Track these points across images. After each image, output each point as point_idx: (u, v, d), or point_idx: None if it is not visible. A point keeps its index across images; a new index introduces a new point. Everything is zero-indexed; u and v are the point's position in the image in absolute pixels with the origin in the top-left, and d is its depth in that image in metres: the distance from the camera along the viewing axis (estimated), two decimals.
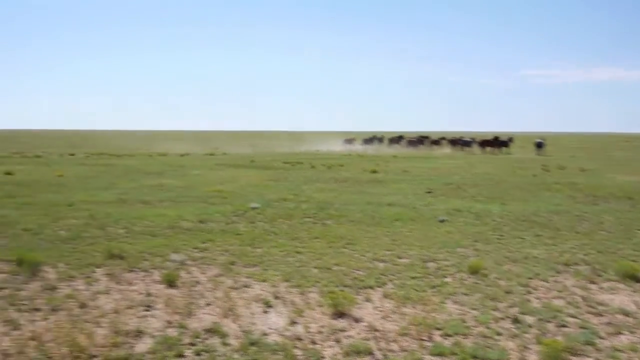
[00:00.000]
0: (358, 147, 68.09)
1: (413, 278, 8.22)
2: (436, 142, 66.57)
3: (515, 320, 6.52)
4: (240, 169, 29.07)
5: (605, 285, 8.00)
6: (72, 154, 44.35)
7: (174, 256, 9.29)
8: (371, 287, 7.77)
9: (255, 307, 6.92)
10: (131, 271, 8.45)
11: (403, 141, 69.11)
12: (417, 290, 7.60)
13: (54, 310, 6.65)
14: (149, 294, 7.31)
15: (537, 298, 7.38)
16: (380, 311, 6.86)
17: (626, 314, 6.83)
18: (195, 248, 10.02)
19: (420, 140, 67.56)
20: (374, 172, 27.08)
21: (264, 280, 8.03)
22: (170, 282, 7.76)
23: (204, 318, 6.54)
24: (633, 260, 9.16)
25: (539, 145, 50.72)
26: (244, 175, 24.92)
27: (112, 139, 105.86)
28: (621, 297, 7.46)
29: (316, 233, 11.50)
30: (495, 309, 6.94)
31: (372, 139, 75.00)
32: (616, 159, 43.37)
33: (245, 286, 7.77)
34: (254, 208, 14.57)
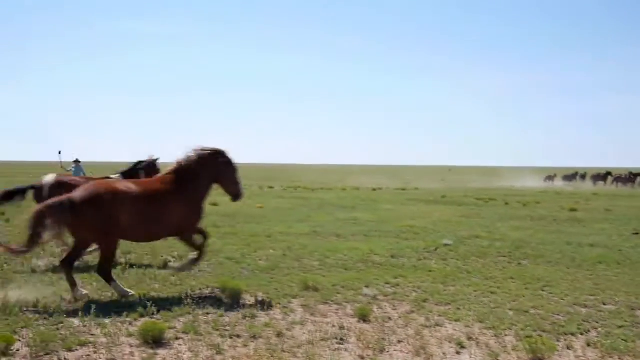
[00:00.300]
0: (559, 183, 64.92)
1: (620, 327, 7.60)
2: None
3: None
4: (432, 205, 28.93)
5: None
6: (272, 187, 46.70)
7: (366, 291, 9.37)
8: (572, 334, 7.29)
9: (447, 348, 6.77)
10: (325, 303, 8.63)
11: (610, 178, 64.29)
12: (625, 341, 7.01)
13: (253, 337, 6.94)
14: (342, 327, 7.40)
15: None
16: None
17: None
18: (387, 283, 10.04)
19: (632, 177, 61.83)
20: (573, 210, 25.68)
21: (457, 320, 7.83)
22: (363, 317, 7.80)
23: (396, 355, 6.50)
24: None
25: None
26: (435, 211, 24.75)
27: (306, 172, 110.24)
28: None
29: (511, 273, 11.07)
30: None
31: (573, 175, 71.02)
32: None
33: (438, 325, 7.62)
34: (446, 245, 14.37)
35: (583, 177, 70.17)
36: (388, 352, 6.62)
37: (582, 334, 7.32)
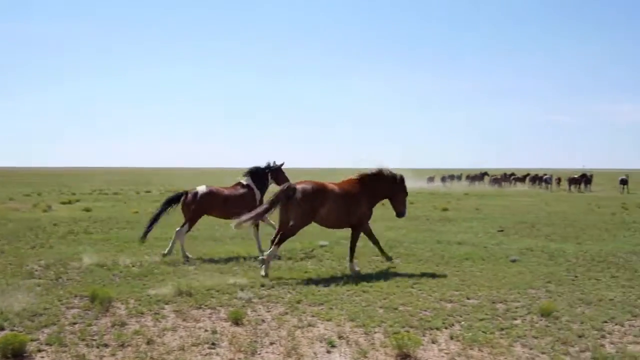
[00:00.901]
0: (439, 184, 67.65)
1: (481, 320, 8.00)
2: (521, 180, 65.26)
3: None
4: None
5: None
6: (149, 191, 45.68)
7: (241, 294, 9.36)
8: (437, 329, 7.61)
9: (318, 347, 6.88)
10: (198, 308, 8.55)
11: (487, 178, 67.94)
12: (484, 333, 7.39)
13: (122, 346, 6.77)
14: (214, 332, 7.36)
15: (612, 343, 7.06)
16: (446, 353, 6.71)
17: None
18: (263, 286, 10.07)
19: (506, 177, 66.36)
20: (445, 210, 26.77)
21: (329, 320, 7.98)
22: (236, 320, 7.80)
23: (267, 357, 6.53)
24: None
25: (623, 182, 49.43)
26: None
27: (184, 176, 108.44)
28: None
29: (383, 272, 11.39)
30: (567, 353, 6.68)
31: (450, 176, 74.36)
32: None
33: (310, 325, 7.73)
34: (322, 246, 14.61)
35: (459, 177, 73.59)
36: (260, 354, 6.64)
37: (446, 328, 7.65)
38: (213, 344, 6.93)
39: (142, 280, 10.43)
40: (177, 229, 13.27)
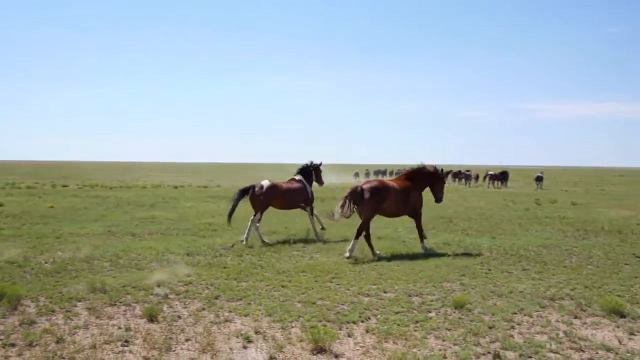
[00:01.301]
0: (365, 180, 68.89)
1: (397, 313, 8.13)
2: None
3: (496, 356, 6.41)
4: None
5: (589, 320, 7.92)
6: (66, 185, 44.33)
7: (158, 290, 9.20)
8: (354, 322, 7.69)
9: (235, 342, 6.84)
10: (113, 305, 8.36)
11: None
12: (399, 325, 7.52)
13: (30, 345, 6.54)
14: (128, 329, 7.22)
15: (520, 333, 7.30)
16: (361, 347, 6.79)
17: (608, 349, 6.73)
18: (180, 282, 9.92)
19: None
20: None
21: (246, 315, 7.94)
22: (151, 317, 7.66)
23: (182, 354, 6.45)
24: (619, 295, 9.10)
25: (539, 179, 51.59)
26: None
27: (105, 170, 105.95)
28: (604, 333, 7.38)
29: (303, 267, 11.43)
30: (477, 344, 6.86)
31: (375, 172, 75.64)
32: (609, 193, 43.58)
33: (227, 321, 7.69)
34: (242, 241, 14.52)
35: (384, 172, 75.07)
36: (174, 351, 6.56)
37: (362, 322, 7.74)
38: (126, 341, 6.80)
39: (54, 277, 10.11)
40: (252, 217, 15.28)
